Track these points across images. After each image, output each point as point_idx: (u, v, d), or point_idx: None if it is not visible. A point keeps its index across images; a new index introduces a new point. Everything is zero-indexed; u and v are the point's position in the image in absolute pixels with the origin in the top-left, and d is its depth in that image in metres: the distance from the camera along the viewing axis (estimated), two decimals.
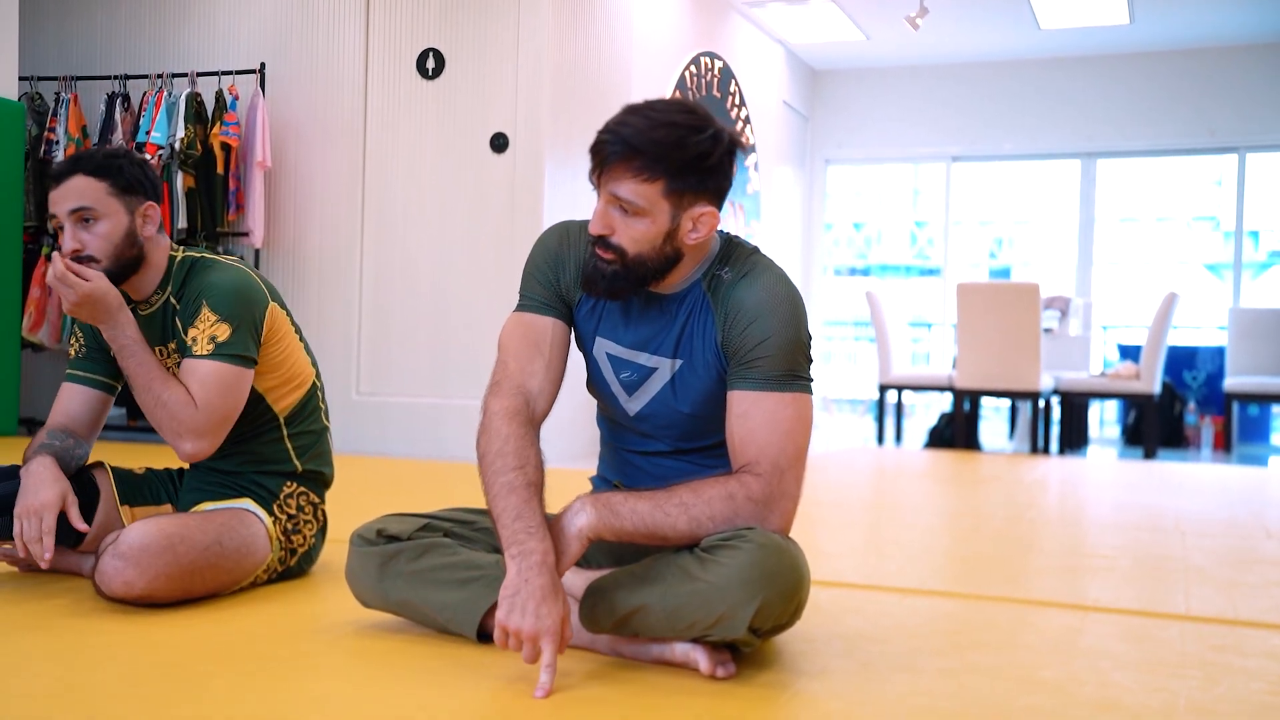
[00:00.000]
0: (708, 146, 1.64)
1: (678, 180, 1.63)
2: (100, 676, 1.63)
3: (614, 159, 1.63)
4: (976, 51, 8.76)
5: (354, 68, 5.62)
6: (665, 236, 1.67)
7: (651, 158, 1.62)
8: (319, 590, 2.24)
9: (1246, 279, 8.92)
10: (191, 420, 2.07)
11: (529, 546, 1.57)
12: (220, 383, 2.10)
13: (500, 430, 1.68)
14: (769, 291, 1.71)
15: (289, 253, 5.73)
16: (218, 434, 2.11)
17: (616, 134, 1.63)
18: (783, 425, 1.68)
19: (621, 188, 1.64)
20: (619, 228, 1.67)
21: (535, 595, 1.54)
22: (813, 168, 9.50)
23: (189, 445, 2.09)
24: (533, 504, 1.61)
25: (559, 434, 5.42)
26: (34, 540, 2.03)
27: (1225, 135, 8.47)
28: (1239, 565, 2.90)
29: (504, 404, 1.71)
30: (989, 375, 6.76)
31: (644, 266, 1.69)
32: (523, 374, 1.76)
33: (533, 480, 1.64)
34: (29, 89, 5.86)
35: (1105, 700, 1.65)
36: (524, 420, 1.70)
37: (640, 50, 6.21)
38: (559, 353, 1.80)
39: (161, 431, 2.10)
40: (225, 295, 2.13)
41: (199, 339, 2.11)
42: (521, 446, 1.66)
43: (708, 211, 1.68)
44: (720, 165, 1.66)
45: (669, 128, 1.62)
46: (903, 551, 3.03)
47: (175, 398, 2.07)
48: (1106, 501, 4.44)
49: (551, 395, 1.78)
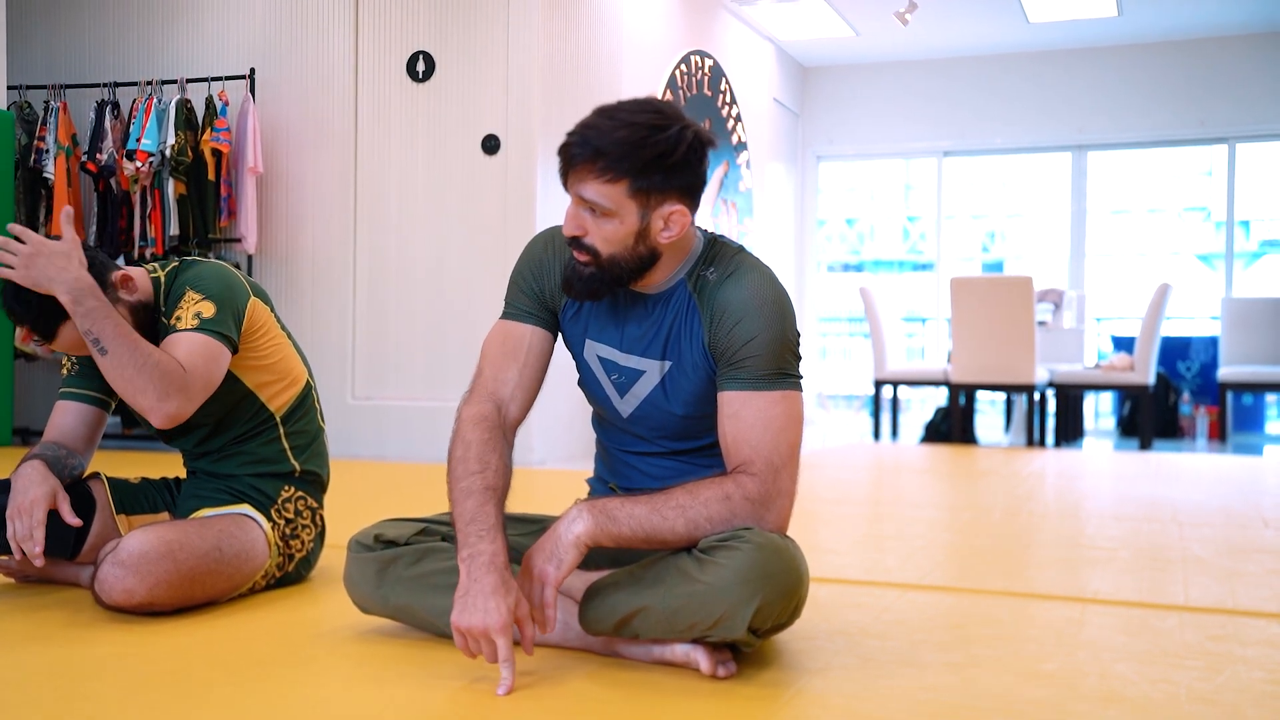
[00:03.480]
0: (669, 145, 1.63)
1: (641, 179, 1.63)
2: (101, 686, 1.63)
3: (578, 161, 1.64)
4: (966, 46, 8.77)
5: (344, 72, 5.61)
6: (637, 236, 1.67)
7: (614, 158, 1.62)
8: (318, 596, 2.24)
9: (1238, 269, 8.93)
10: (181, 380, 2.01)
11: (479, 549, 1.60)
12: (206, 352, 2.07)
13: (465, 436, 1.72)
14: (754, 290, 1.71)
15: (282, 258, 5.72)
16: (199, 399, 2.06)
17: (581, 136, 1.64)
18: (775, 424, 1.68)
19: (587, 189, 1.65)
20: (590, 229, 1.67)
21: (483, 592, 1.56)
22: (804, 164, 9.50)
23: (173, 405, 2.00)
24: (487, 508, 1.64)
25: (556, 435, 5.42)
26: (25, 537, 2.01)
27: (1215, 126, 8.49)
28: (1237, 555, 2.90)
29: (473, 410, 1.75)
30: (984, 369, 6.77)
31: (619, 267, 1.69)
32: (495, 381, 1.79)
33: (491, 484, 1.67)
34: (18, 98, 5.84)
35: (1108, 692, 1.65)
36: (490, 426, 1.73)
37: (630, 50, 6.21)
38: (535, 360, 1.82)
39: (140, 395, 1.98)
40: (208, 281, 2.14)
41: (183, 316, 2.09)
42: (484, 452, 1.70)
43: (677, 210, 1.67)
44: (685, 163, 1.65)
45: (631, 128, 1.62)
46: (902, 546, 3.03)
47: (165, 358, 2.01)
48: (1104, 493, 4.45)
49: (525, 401, 1.81)
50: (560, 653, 1.78)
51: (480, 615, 1.56)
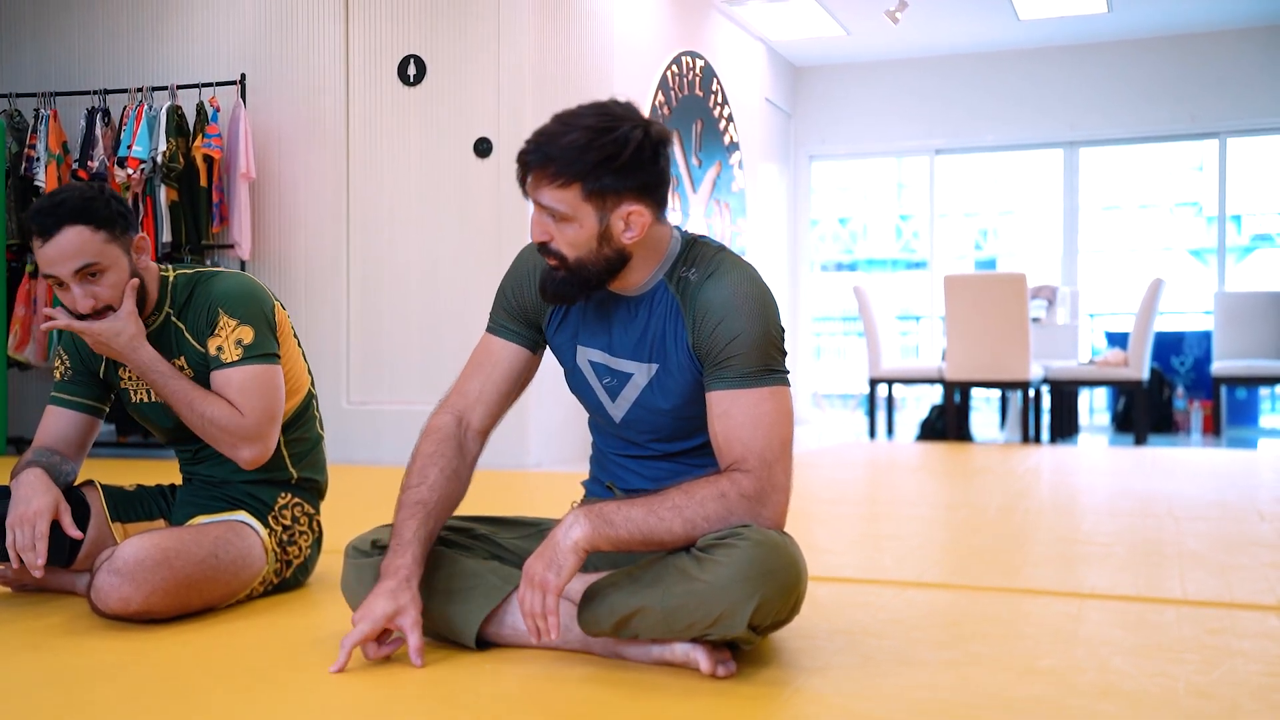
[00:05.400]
0: (616, 147, 1.63)
1: (592, 182, 1.64)
2: (98, 694, 1.62)
3: (532, 167, 1.67)
4: (957, 44, 8.78)
5: (335, 76, 5.60)
6: (599, 239, 1.68)
7: (563, 163, 1.63)
8: (315, 602, 2.23)
9: (1230, 263, 8.95)
10: (242, 428, 2.12)
11: (393, 561, 1.73)
12: (259, 385, 2.13)
13: (418, 447, 1.84)
14: (734, 289, 1.72)
15: (275, 263, 5.71)
16: (270, 434, 2.16)
17: (535, 143, 1.66)
18: (765, 420, 1.68)
19: (543, 195, 1.67)
20: (554, 234, 1.70)
21: (376, 592, 1.71)
22: (796, 164, 9.51)
23: (246, 453, 2.14)
24: (409, 523, 1.76)
25: (552, 438, 5.42)
26: (27, 548, 2.00)
27: (1206, 120, 8.50)
28: (1233, 548, 2.91)
29: (432, 422, 1.86)
30: (978, 366, 6.77)
31: (586, 270, 1.71)
32: (459, 393, 1.89)
33: (422, 499, 1.78)
34: (8, 106, 5.83)
35: (1106, 687, 1.66)
36: (441, 439, 1.83)
37: (621, 51, 6.21)
38: (503, 375, 1.89)
39: (217, 446, 2.14)
40: (239, 299, 2.15)
41: (225, 347, 2.13)
42: (425, 465, 1.81)
43: (635, 209, 1.67)
44: (636, 162, 1.65)
45: (580, 131, 1.63)
46: (899, 545, 3.04)
47: (219, 412, 2.11)
48: (1099, 489, 4.46)
49: (489, 412, 1.89)
50: (559, 654, 1.78)
51: (364, 610, 1.70)
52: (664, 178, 1.70)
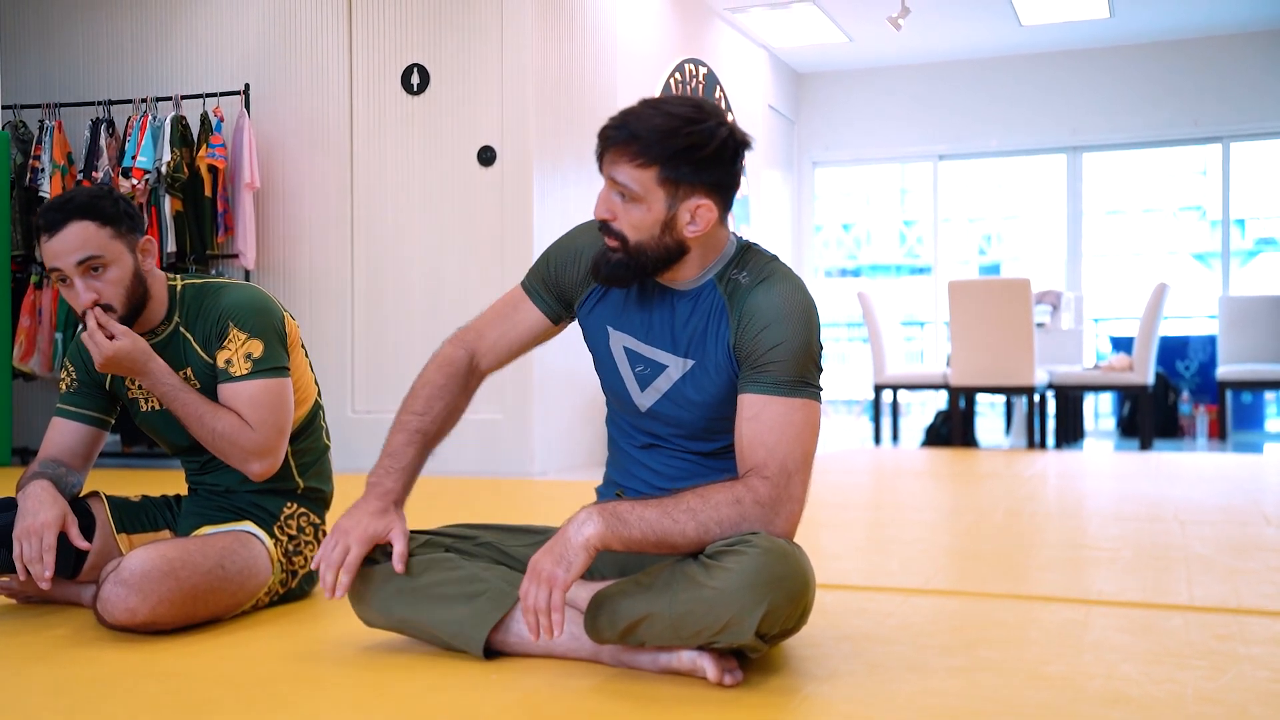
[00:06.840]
0: (702, 138, 1.65)
1: (670, 168, 1.66)
2: (105, 706, 1.62)
3: (614, 143, 1.68)
4: (959, 50, 8.79)
5: (338, 86, 5.62)
6: (663, 226, 1.70)
7: (646, 143, 1.65)
8: (321, 611, 2.23)
9: (1235, 267, 8.94)
10: (251, 442, 2.12)
11: (384, 482, 1.83)
12: (268, 399, 2.14)
13: (427, 374, 1.91)
14: (785, 298, 1.73)
15: (280, 272, 5.72)
16: (280, 448, 2.17)
17: (620, 120, 1.68)
18: (791, 429, 1.68)
19: (619, 172, 1.68)
20: (619, 214, 1.71)
21: (362, 509, 1.80)
22: (800, 170, 9.51)
23: (256, 466, 2.16)
24: (408, 449, 1.84)
25: (557, 446, 5.41)
26: (34, 560, 2.00)
27: (1209, 125, 8.50)
28: (1240, 553, 2.90)
29: (445, 351, 1.94)
30: (983, 372, 6.77)
31: (644, 255, 1.72)
32: (478, 333, 1.95)
33: (423, 428, 1.86)
34: (12, 117, 5.85)
35: (1114, 693, 1.65)
36: (452, 373, 1.91)
37: (624, 59, 6.22)
38: (522, 333, 1.95)
39: (226, 460, 2.15)
40: (248, 312, 2.16)
41: (234, 360, 2.13)
42: (432, 395, 1.88)
43: (705, 204, 1.69)
44: (716, 158, 1.67)
45: (668, 117, 1.66)
46: (905, 551, 3.03)
47: (229, 426, 2.12)
48: (1105, 494, 4.45)
49: (498, 359, 1.96)
50: (567, 665, 1.78)
51: (351, 523, 1.79)
52: (737, 180, 1.73)
